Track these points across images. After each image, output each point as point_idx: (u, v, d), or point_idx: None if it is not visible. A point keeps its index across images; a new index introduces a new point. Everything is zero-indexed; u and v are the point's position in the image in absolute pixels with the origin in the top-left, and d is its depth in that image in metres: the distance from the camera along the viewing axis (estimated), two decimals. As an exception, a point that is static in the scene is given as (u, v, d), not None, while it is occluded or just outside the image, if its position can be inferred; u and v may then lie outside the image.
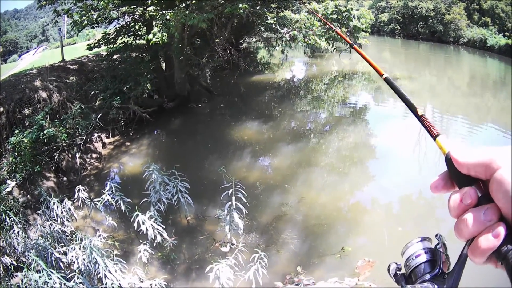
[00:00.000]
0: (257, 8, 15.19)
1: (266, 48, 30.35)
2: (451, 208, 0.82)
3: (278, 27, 19.75)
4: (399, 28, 56.52)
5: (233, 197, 7.21)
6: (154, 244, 7.50)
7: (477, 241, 0.75)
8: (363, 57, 2.17)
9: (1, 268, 7.19)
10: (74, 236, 7.12)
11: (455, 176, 0.86)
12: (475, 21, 49.09)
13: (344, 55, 29.08)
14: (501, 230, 0.73)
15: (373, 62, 1.92)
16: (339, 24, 14.89)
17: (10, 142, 10.60)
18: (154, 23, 15.73)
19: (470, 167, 0.80)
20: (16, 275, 7.03)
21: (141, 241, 7.48)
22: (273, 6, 17.12)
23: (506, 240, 0.72)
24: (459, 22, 48.34)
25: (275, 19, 17.65)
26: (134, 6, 12.65)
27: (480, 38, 45.07)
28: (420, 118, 1.15)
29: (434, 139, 1.01)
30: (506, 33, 43.23)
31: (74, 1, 13.44)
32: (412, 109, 1.23)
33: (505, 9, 46.93)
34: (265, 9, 16.24)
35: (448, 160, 0.87)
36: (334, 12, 14.86)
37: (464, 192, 0.79)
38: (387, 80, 1.56)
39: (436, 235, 1.00)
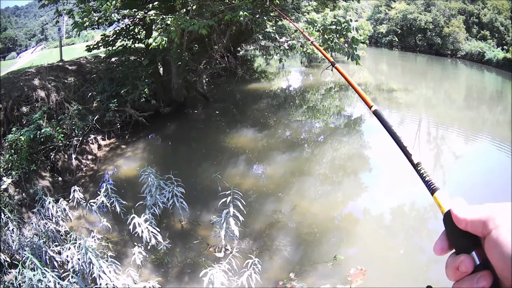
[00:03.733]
0: (257, 16, 15.24)
1: (264, 56, 30.38)
2: (448, 273, 0.84)
3: (276, 35, 19.79)
4: (397, 40, 56.73)
5: (231, 204, 7.27)
6: (148, 247, 7.55)
7: None
8: (345, 78, 2.11)
9: (-4, 265, 7.22)
10: (68, 236, 7.15)
11: (452, 236, 0.87)
12: (474, 34, 49.26)
13: (342, 66, 29.20)
14: None
15: (360, 91, 1.84)
16: (337, 35, 14.89)
17: (7, 139, 10.61)
18: (154, 27, 15.79)
19: (468, 223, 0.82)
20: (10, 272, 7.06)
21: (135, 243, 7.55)
22: (272, 15, 17.17)
23: None
24: (457, 35, 48.52)
25: (273, 27, 17.66)
26: (136, 10, 12.70)
27: (478, 52, 45.21)
28: (416, 168, 1.15)
29: (432, 194, 1.01)
30: (505, 47, 43.29)
31: (77, 2, 13.48)
32: (407, 155, 1.24)
33: (504, 23, 47.13)
34: (265, 18, 16.29)
35: (446, 218, 0.89)
36: (333, 23, 14.88)
37: (461, 261, 0.81)
38: (376, 114, 1.55)
39: None
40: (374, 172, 12.85)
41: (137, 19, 14.89)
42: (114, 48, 16.47)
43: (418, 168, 1.13)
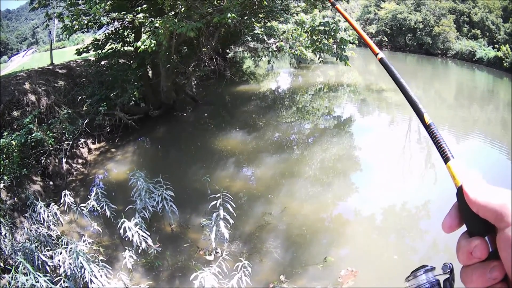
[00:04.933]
0: (245, 18, 15.25)
1: (252, 58, 30.42)
2: (459, 255, 0.80)
3: (265, 37, 19.81)
4: (387, 40, 56.74)
5: (221, 207, 7.30)
6: (139, 251, 7.58)
7: None
8: (347, 20, 1.91)
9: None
10: (60, 240, 7.18)
11: (465, 214, 0.81)
12: (465, 33, 49.41)
13: (331, 66, 29.36)
14: None
15: (365, 36, 1.62)
16: (326, 36, 14.95)
17: (-1, 143, 10.59)
18: (142, 30, 15.79)
19: (479, 207, 0.77)
20: (3, 277, 7.08)
21: (126, 247, 7.56)
22: (261, 16, 17.20)
23: None
24: (448, 34, 48.64)
25: (262, 29, 17.70)
26: (124, 13, 12.70)
27: (469, 51, 45.35)
28: (428, 129, 1.03)
29: (445, 163, 0.92)
30: (496, 45, 43.41)
31: (66, 6, 13.47)
32: (418, 112, 1.10)
33: (495, 21, 47.27)
34: (253, 19, 16.31)
35: (460, 193, 0.82)
36: (321, 24, 14.94)
37: (475, 246, 0.77)
38: (382, 62, 1.35)
39: (444, 267, 0.94)
40: (364, 173, 12.90)
41: (126, 22, 14.90)
42: (103, 51, 16.47)
43: (430, 130, 1.02)
